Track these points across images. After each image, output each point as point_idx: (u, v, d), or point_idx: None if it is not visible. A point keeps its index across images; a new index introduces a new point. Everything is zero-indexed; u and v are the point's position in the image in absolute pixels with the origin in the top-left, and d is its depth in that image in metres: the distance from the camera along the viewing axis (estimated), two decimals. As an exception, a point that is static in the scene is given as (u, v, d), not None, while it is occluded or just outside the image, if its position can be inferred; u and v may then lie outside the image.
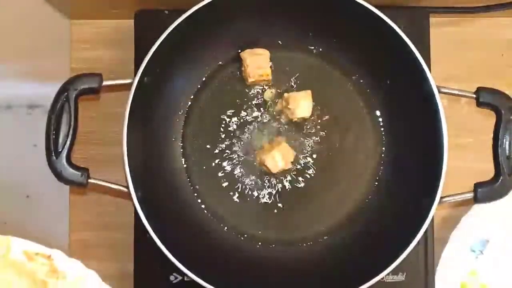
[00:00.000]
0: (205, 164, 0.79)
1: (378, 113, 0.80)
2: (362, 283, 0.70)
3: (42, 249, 0.58)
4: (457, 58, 0.85)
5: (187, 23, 0.72)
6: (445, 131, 0.72)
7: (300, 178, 0.79)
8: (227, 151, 0.79)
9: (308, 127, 0.80)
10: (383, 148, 0.80)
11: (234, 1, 0.74)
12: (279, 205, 0.79)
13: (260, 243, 0.79)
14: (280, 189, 0.79)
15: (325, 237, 0.79)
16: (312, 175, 0.79)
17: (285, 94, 0.79)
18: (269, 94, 0.80)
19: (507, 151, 0.71)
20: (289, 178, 0.79)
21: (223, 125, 0.80)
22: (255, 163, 0.79)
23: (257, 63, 0.78)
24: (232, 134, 0.79)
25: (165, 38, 0.71)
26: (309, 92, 0.78)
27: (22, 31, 0.92)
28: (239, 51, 0.79)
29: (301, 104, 0.77)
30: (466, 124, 0.84)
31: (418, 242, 0.71)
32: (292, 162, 0.78)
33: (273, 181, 0.79)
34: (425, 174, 0.73)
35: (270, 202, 0.79)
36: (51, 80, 0.78)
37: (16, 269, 0.57)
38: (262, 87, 0.80)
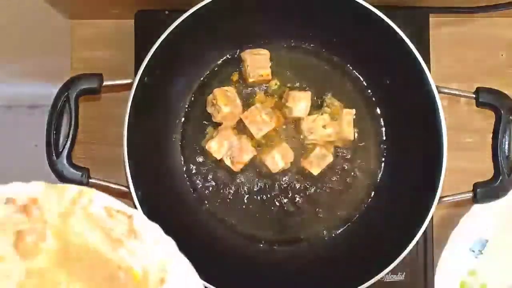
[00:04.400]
0: (205, 164, 0.79)
1: (378, 112, 0.80)
2: (362, 282, 0.71)
3: (124, 208, 0.57)
4: (457, 58, 0.85)
5: (187, 23, 0.72)
6: (444, 131, 0.72)
7: (300, 178, 0.79)
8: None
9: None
10: (383, 148, 0.80)
11: (234, 2, 0.74)
12: (279, 205, 0.79)
13: (260, 243, 0.79)
14: (280, 189, 0.79)
15: (325, 237, 0.79)
16: (312, 175, 0.79)
17: (285, 91, 0.79)
18: (273, 85, 0.80)
19: (506, 151, 0.71)
20: (288, 178, 0.79)
21: (223, 125, 0.80)
22: (255, 163, 0.79)
23: (257, 63, 0.78)
24: (232, 134, 0.79)
25: (165, 38, 0.71)
26: (308, 93, 0.78)
27: (23, 31, 0.92)
28: (239, 51, 0.79)
29: (299, 104, 0.77)
30: (465, 124, 0.84)
31: (418, 242, 0.71)
32: (291, 162, 0.78)
33: (273, 181, 0.79)
34: (425, 174, 0.74)
35: (270, 202, 0.79)
36: (52, 80, 0.78)
37: (92, 222, 0.55)
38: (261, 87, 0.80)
